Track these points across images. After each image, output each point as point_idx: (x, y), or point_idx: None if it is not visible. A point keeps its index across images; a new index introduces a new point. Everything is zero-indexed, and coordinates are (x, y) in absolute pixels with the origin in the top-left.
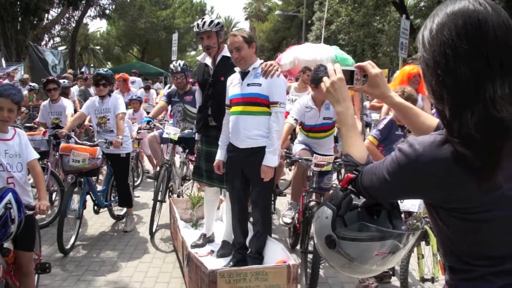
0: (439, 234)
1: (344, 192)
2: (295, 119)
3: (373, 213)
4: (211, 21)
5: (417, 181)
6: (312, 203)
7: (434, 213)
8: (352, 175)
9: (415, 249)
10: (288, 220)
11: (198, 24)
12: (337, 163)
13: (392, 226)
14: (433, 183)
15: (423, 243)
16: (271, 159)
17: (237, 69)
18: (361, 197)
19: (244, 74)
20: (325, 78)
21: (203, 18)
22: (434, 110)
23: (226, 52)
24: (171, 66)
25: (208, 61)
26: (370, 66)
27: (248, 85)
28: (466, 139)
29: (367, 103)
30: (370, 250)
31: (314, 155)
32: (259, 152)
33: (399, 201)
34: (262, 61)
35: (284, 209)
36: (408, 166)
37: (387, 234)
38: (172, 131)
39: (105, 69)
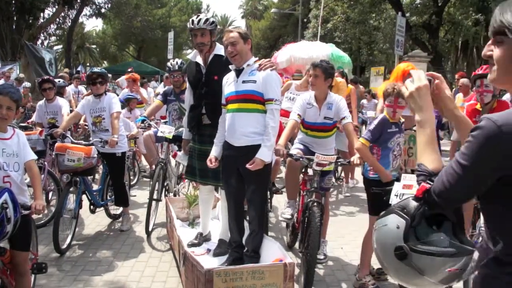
0: (492, 223)
1: (418, 202)
2: (299, 114)
3: (432, 223)
4: (207, 19)
5: (499, 153)
6: (312, 203)
7: (496, 196)
8: (427, 185)
9: None
10: (288, 216)
11: (192, 21)
12: (338, 163)
13: (458, 240)
14: None
15: None
16: (265, 154)
17: (232, 66)
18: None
19: (239, 72)
20: (408, 82)
21: (198, 15)
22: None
23: (218, 51)
24: (168, 64)
25: (199, 59)
26: (442, 79)
27: (244, 82)
28: None
29: (364, 101)
30: (444, 265)
31: (316, 154)
32: (255, 150)
33: (398, 197)
34: (256, 58)
35: (282, 207)
36: (490, 138)
37: (463, 251)
38: (166, 130)
39: (99, 68)
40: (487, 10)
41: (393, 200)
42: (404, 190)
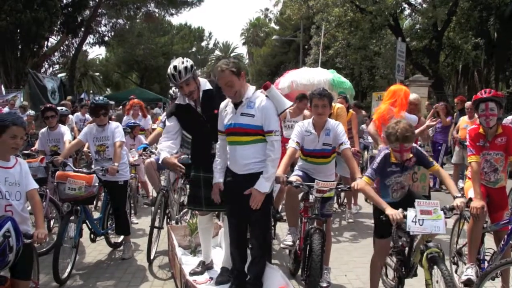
0: None
1: None
2: (297, 142)
3: None
4: (185, 68)
5: None
6: (313, 230)
7: None
8: None
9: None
10: (289, 243)
11: (174, 76)
12: (339, 189)
13: None
14: None
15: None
16: (263, 185)
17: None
18: None
19: (237, 103)
20: None
21: (175, 66)
22: (446, 119)
23: (204, 86)
24: (171, 91)
25: (190, 101)
26: None
27: (242, 114)
28: None
29: (364, 126)
30: None
31: (316, 180)
32: (258, 177)
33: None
34: (254, 87)
35: (284, 234)
36: None
37: None
38: None
39: (101, 97)
40: (487, 34)
41: (411, 226)
42: (423, 215)
